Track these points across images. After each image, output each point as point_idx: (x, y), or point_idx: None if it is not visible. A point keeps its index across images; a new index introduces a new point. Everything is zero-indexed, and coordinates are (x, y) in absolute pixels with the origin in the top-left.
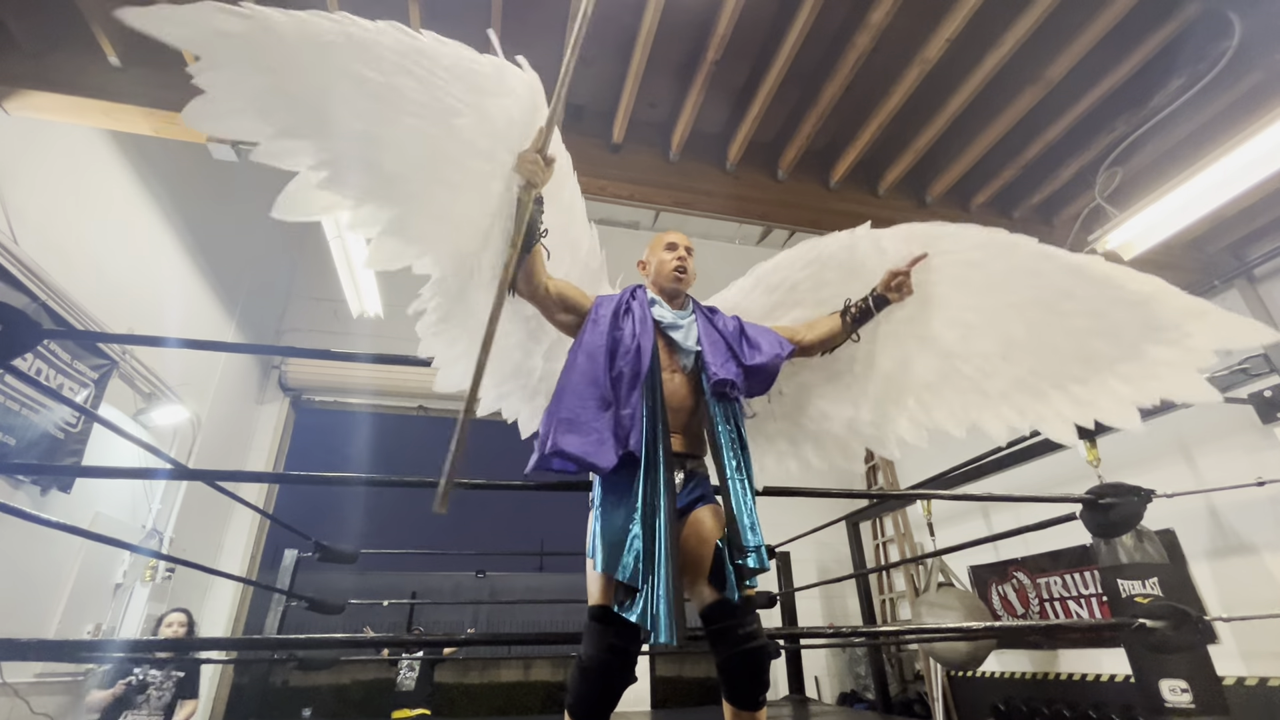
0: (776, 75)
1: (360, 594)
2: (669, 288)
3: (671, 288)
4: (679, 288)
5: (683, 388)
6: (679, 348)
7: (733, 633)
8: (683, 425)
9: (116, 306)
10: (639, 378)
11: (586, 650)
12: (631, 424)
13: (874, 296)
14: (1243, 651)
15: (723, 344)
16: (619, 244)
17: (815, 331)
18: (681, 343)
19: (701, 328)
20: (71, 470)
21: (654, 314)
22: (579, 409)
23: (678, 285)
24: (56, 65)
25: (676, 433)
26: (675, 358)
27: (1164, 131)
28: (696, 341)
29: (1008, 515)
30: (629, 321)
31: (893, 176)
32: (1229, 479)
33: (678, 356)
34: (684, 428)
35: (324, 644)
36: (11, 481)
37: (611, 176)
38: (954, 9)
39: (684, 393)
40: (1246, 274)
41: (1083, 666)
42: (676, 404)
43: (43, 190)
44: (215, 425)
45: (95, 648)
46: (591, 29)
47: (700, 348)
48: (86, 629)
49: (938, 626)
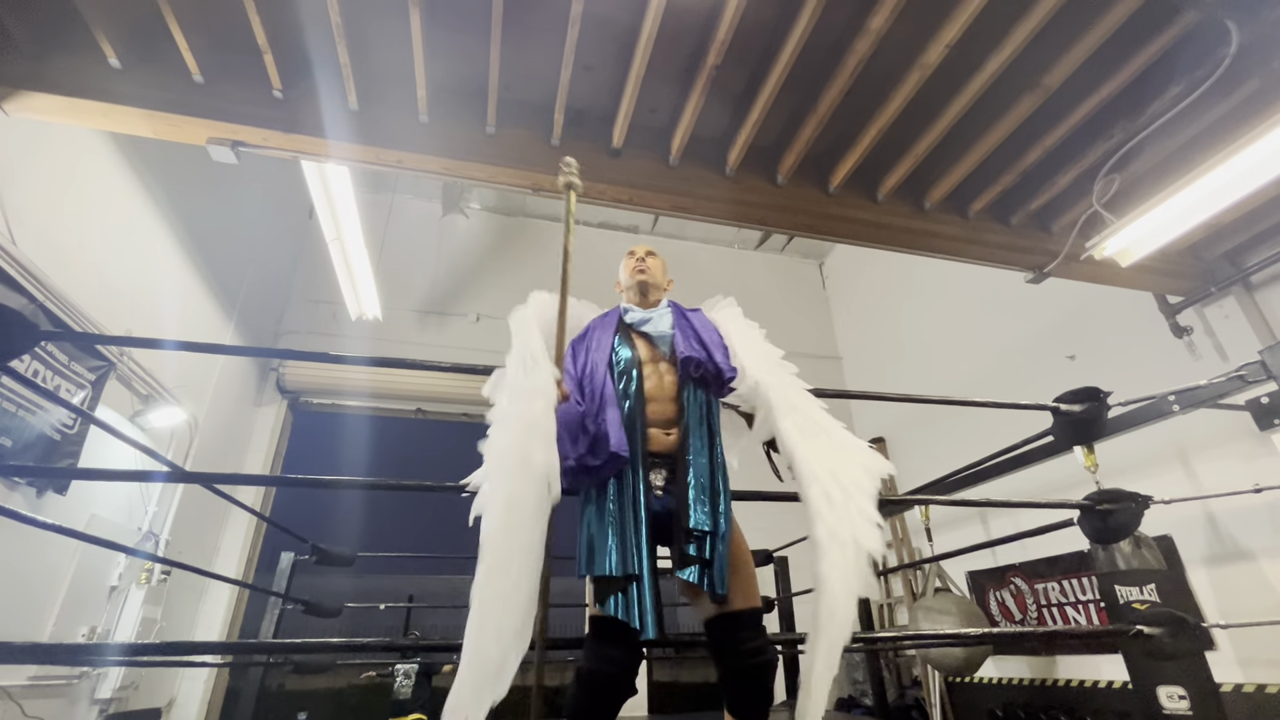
0: (776, 80)
1: (357, 597)
2: (633, 286)
3: (636, 283)
4: (644, 280)
5: (667, 376)
6: (652, 338)
7: (738, 647)
8: (669, 416)
9: (114, 308)
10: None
11: (587, 662)
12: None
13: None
14: (1240, 659)
15: (692, 331)
16: (618, 248)
17: (747, 406)
18: (653, 331)
19: (676, 319)
20: (68, 473)
21: (627, 319)
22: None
23: (642, 279)
24: (56, 67)
25: (661, 425)
26: (654, 349)
27: (1162, 138)
28: (670, 326)
29: (1006, 521)
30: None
31: (892, 182)
32: (1226, 485)
33: (656, 347)
34: (672, 419)
35: (320, 648)
36: (8, 483)
37: (611, 180)
38: (953, 15)
39: (668, 381)
40: (1243, 280)
41: (1081, 673)
42: (659, 394)
43: (41, 191)
44: (212, 427)
45: (90, 651)
46: (592, 35)
47: (673, 331)
48: (81, 632)
49: (935, 633)
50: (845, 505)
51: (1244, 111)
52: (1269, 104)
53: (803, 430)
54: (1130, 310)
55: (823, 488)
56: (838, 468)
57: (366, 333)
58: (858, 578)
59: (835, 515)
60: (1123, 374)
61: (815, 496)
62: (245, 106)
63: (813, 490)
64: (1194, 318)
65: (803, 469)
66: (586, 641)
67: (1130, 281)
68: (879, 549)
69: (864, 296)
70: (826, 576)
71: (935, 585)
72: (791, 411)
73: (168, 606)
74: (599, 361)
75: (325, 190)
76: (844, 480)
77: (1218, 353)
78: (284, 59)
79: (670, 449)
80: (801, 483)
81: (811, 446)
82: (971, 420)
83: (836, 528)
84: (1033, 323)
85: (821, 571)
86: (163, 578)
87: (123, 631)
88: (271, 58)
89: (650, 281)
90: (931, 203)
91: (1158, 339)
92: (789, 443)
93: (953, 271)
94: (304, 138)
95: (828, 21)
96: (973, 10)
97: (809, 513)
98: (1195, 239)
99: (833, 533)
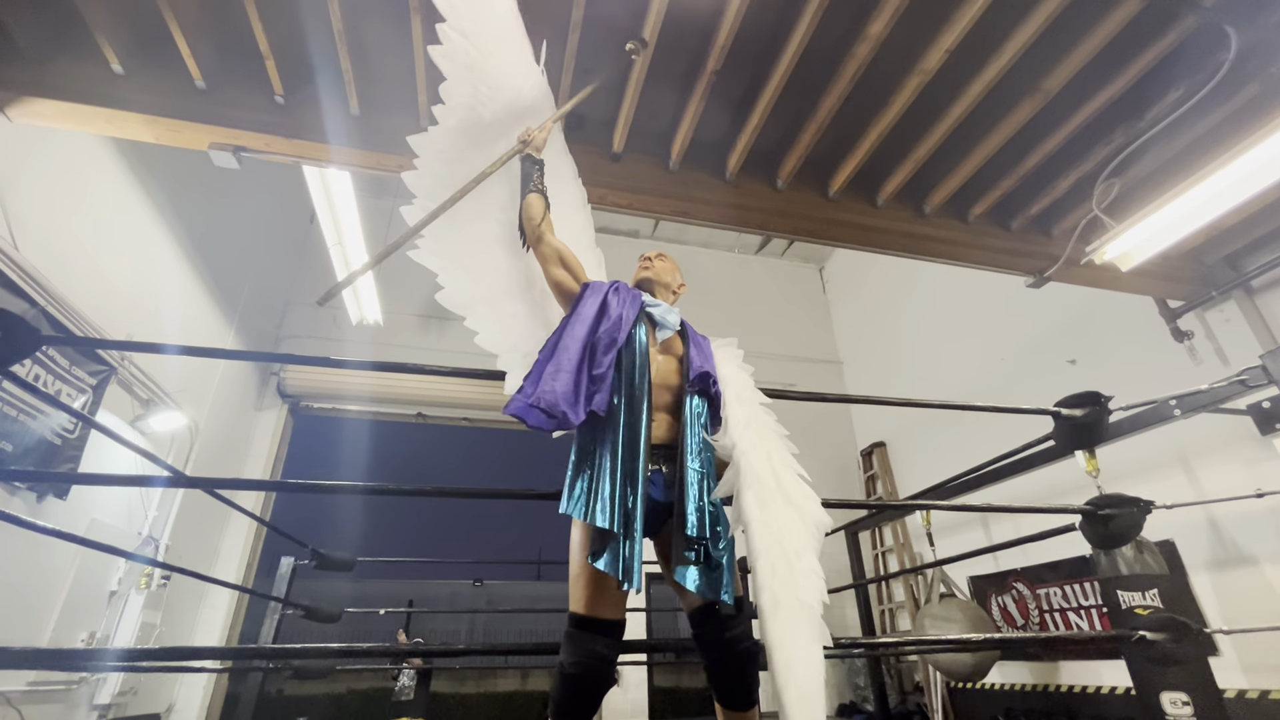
0: (776, 86)
1: (357, 602)
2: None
3: (642, 278)
4: (647, 275)
5: (667, 366)
6: (660, 325)
7: (718, 635)
8: (670, 406)
9: (116, 312)
10: (615, 344)
11: (567, 657)
12: (599, 385)
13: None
14: (1244, 664)
15: (706, 346)
16: (619, 252)
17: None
18: (661, 318)
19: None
20: (68, 478)
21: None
22: (564, 364)
23: (645, 274)
24: (59, 72)
25: (663, 413)
26: (657, 336)
27: (1161, 143)
28: (679, 322)
29: (1007, 526)
30: (616, 297)
31: (891, 187)
32: (1228, 490)
33: (660, 334)
34: (672, 409)
35: (320, 653)
36: (8, 488)
37: (611, 185)
38: (952, 21)
39: (669, 371)
40: (1244, 285)
41: (1083, 678)
42: (662, 382)
43: (44, 196)
44: (213, 431)
45: (89, 656)
46: (593, 40)
47: (680, 327)
48: (81, 637)
49: (937, 638)
50: (789, 570)
51: (1243, 116)
52: (1268, 108)
53: (761, 502)
54: (1131, 314)
55: (769, 560)
56: (785, 534)
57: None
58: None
59: (779, 581)
60: (1124, 378)
61: (763, 568)
62: (247, 112)
63: (760, 563)
64: (1195, 322)
65: (754, 544)
66: (566, 636)
67: (1131, 286)
68: (821, 597)
69: (864, 301)
70: (779, 643)
71: (940, 590)
72: (755, 482)
73: (167, 611)
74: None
75: (327, 195)
76: (788, 548)
77: (1219, 357)
78: (286, 64)
79: (667, 441)
80: (751, 554)
81: (767, 517)
82: (972, 424)
83: (780, 592)
84: (1033, 327)
85: (772, 638)
86: (163, 582)
87: (122, 636)
88: (274, 63)
89: (654, 279)
90: (931, 207)
91: (1158, 343)
92: (746, 515)
93: (953, 276)
94: (306, 143)
95: (827, 27)
96: (972, 16)
97: (756, 582)
98: (1196, 243)
99: (776, 598)
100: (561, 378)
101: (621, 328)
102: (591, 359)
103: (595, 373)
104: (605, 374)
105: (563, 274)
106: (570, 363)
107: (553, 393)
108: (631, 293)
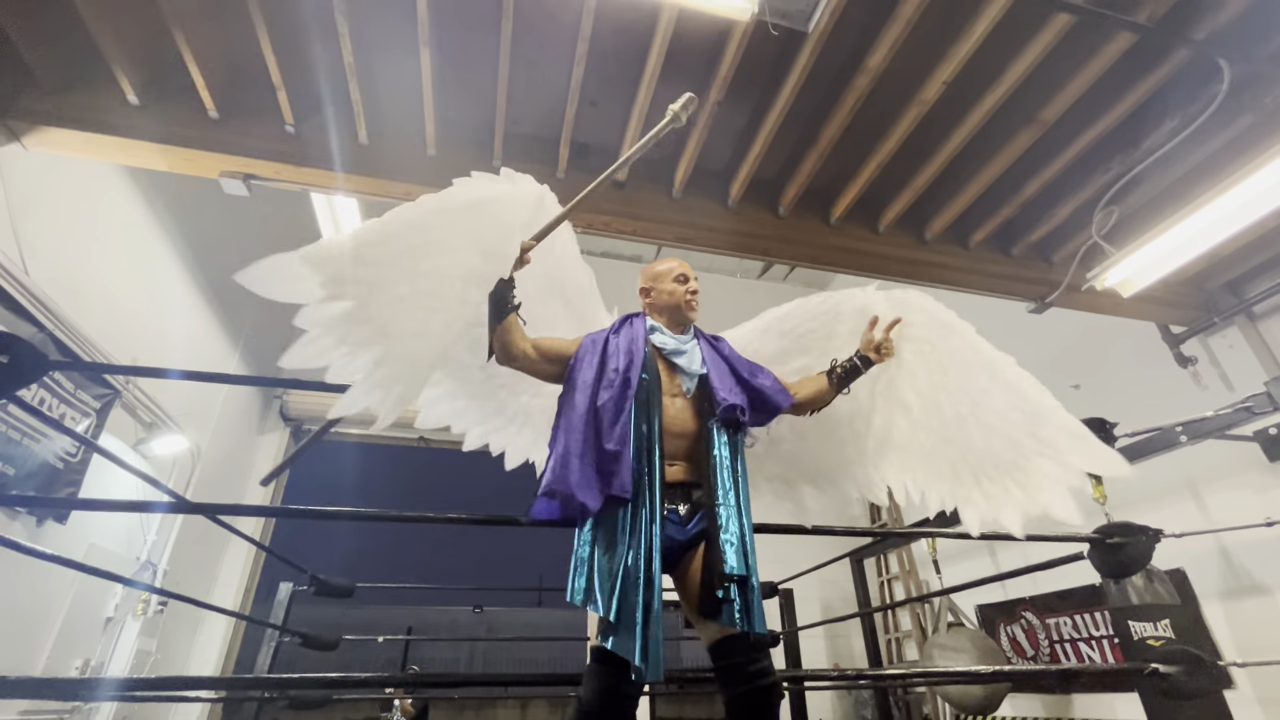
0: (777, 116)
1: (355, 629)
2: (681, 318)
3: (685, 318)
4: (692, 318)
5: (684, 412)
6: (682, 371)
7: (741, 670)
8: (685, 452)
9: (121, 336)
10: (622, 411)
11: (587, 693)
12: (617, 464)
13: (859, 356)
14: (1261, 698)
15: (728, 370)
16: (622, 277)
17: (805, 391)
18: (686, 366)
19: (705, 353)
20: (68, 503)
21: (655, 341)
22: (571, 447)
23: (691, 316)
24: (75, 103)
25: (678, 460)
26: (677, 381)
27: (1159, 172)
28: (701, 364)
29: (1015, 553)
30: (615, 354)
31: (892, 214)
32: (1238, 517)
33: (680, 380)
34: (687, 454)
35: (316, 683)
36: (9, 512)
37: (615, 213)
38: (950, 53)
39: (686, 417)
40: (1246, 311)
41: (1096, 711)
42: (678, 429)
43: (56, 222)
44: (215, 455)
45: (84, 686)
46: (597, 72)
47: (705, 370)
48: (75, 665)
49: (946, 669)
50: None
51: (1241, 144)
52: (1263, 139)
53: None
54: (1134, 340)
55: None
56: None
57: None
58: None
59: None
60: (1128, 404)
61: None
62: (258, 141)
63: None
64: (1198, 348)
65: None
66: (587, 671)
67: (1133, 312)
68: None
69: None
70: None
71: (948, 620)
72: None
73: (163, 638)
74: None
75: (334, 221)
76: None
77: (1223, 382)
78: (297, 95)
79: (684, 479)
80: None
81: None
82: None
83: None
84: (1036, 352)
85: None
86: (159, 608)
87: (117, 664)
88: (285, 94)
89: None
90: (932, 234)
91: (1162, 369)
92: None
93: (954, 302)
94: (314, 170)
95: (827, 59)
96: (968, 50)
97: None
98: (1196, 269)
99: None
100: (573, 465)
101: (629, 390)
102: (598, 433)
103: (609, 448)
104: (621, 452)
105: (553, 368)
106: (577, 445)
107: (564, 482)
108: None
